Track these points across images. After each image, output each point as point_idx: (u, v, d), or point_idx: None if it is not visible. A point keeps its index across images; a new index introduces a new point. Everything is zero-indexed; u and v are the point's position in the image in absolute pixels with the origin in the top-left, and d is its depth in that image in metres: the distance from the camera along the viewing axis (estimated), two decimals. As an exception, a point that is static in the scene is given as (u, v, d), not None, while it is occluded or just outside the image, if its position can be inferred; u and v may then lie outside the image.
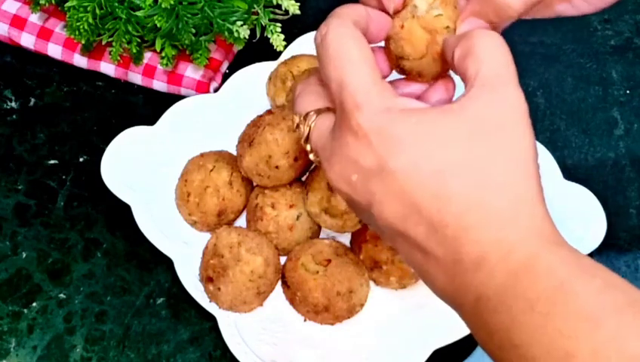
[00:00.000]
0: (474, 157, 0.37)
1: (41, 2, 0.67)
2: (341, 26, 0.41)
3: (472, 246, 0.36)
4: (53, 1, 0.67)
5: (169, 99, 0.68)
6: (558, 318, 0.34)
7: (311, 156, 0.44)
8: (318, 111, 0.42)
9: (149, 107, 0.70)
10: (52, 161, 0.69)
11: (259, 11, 0.66)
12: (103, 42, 0.68)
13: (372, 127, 0.38)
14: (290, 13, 0.64)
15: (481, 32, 0.40)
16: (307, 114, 0.43)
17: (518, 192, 0.37)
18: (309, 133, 0.42)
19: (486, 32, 0.40)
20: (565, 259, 0.36)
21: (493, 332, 0.36)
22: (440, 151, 0.37)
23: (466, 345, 0.60)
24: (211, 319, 0.61)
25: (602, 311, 0.34)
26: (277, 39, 0.64)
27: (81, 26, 0.65)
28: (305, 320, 0.61)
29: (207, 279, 0.60)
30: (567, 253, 0.36)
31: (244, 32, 0.63)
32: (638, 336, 0.33)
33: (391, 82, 0.44)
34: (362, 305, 0.60)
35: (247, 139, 0.61)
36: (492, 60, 0.39)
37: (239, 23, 0.63)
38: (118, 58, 0.68)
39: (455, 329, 0.58)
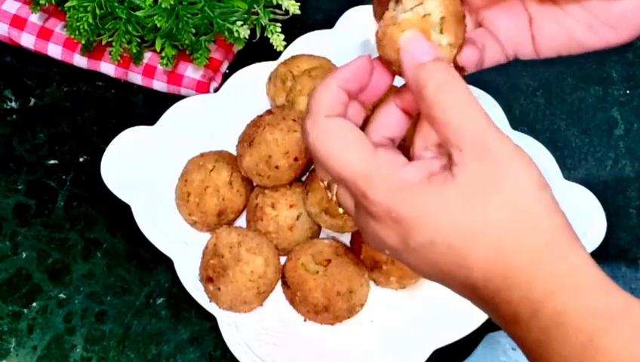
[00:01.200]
0: (482, 223, 0.37)
1: (41, 2, 0.67)
2: (315, 125, 0.41)
3: (504, 305, 0.38)
4: (53, 1, 0.67)
5: (169, 99, 0.68)
6: None
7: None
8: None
9: (149, 107, 0.70)
10: (52, 161, 0.69)
11: (259, 11, 0.66)
12: (103, 42, 0.68)
13: (384, 212, 0.39)
14: (290, 13, 0.64)
15: (439, 85, 0.39)
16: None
17: (536, 244, 0.37)
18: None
19: (444, 86, 0.39)
20: (592, 307, 0.36)
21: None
22: (448, 226, 0.38)
23: (466, 345, 0.60)
24: (211, 319, 0.61)
25: None
26: (277, 39, 0.64)
27: (81, 26, 0.65)
28: (305, 320, 0.61)
29: (207, 279, 0.60)
30: (595, 298, 0.37)
31: (244, 32, 0.63)
32: None
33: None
34: (362, 305, 0.60)
35: (247, 139, 0.61)
36: (463, 120, 0.38)
37: (239, 23, 0.63)
38: (118, 58, 0.68)
39: (455, 329, 0.58)
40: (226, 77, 0.70)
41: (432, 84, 0.39)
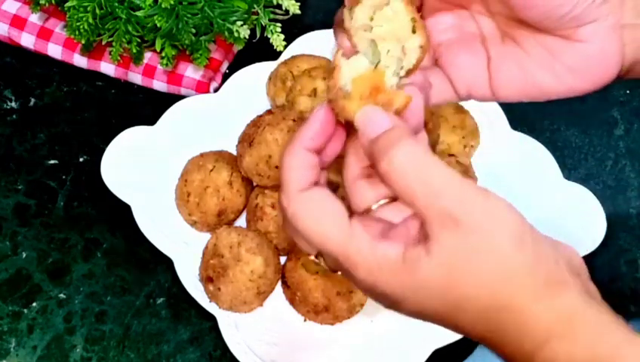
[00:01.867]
0: (464, 295, 0.37)
1: (41, 2, 0.67)
2: (291, 202, 0.40)
3: (501, 355, 0.38)
4: (53, 1, 0.67)
5: (169, 99, 0.68)
6: None
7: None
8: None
9: (149, 107, 0.70)
10: (52, 161, 0.69)
11: (259, 11, 0.65)
12: (103, 42, 0.68)
13: (369, 287, 0.38)
14: (290, 13, 0.64)
15: (400, 158, 0.37)
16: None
17: (521, 303, 0.37)
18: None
19: (405, 157, 0.37)
20: (582, 354, 0.36)
21: None
22: (431, 300, 0.38)
23: (466, 345, 0.60)
24: (211, 319, 0.61)
25: None
26: (277, 39, 0.64)
27: (81, 26, 0.65)
28: (305, 320, 0.61)
29: (207, 279, 0.60)
30: (585, 344, 0.36)
31: (244, 32, 0.63)
32: None
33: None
34: (362, 305, 0.60)
35: (247, 139, 0.61)
36: (425, 194, 0.37)
37: (239, 23, 0.63)
38: (118, 58, 0.68)
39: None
40: (226, 77, 0.70)
41: (394, 158, 0.37)
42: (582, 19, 0.40)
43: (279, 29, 0.64)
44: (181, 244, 0.62)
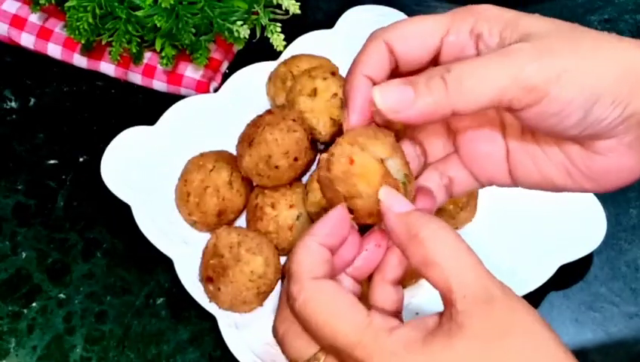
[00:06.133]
0: None
1: (41, 2, 0.67)
2: (302, 290, 0.38)
3: None
4: (53, 1, 0.67)
5: (169, 99, 0.68)
6: None
7: None
8: (315, 358, 0.39)
9: (149, 107, 0.70)
10: (52, 161, 0.69)
11: (259, 11, 0.66)
12: (103, 42, 0.68)
13: None
14: (290, 13, 0.64)
15: (431, 232, 0.37)
16: (308, 360, 0.39)
17: None
18: None
19: (437, 232, 0.37)
20: None
21: None
22: None
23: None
24: (211, 319, 0.61)
25: None
26: (277, 39, 0.64)
27: (81, 26, 0.65)
28: (305, 320, 0.60)
29: (207, 279, 0.60)
30: None
31: (244, 32, 0.63)
32: None
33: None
34: (362, 305, 0.60)
35: (247, 139, 0.61)
36: (462, 267, 0.36)
37: (239, 22, 0.63)
38: (118, 58, 0.68)
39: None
40: (226, 77, 0.70)
41: (425, 231, 0.37)
42: (598, 136, 0.39)
43: (279, 29, 0.64)
44: (181, 244, 0.62)
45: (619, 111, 0.37)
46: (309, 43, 0.69)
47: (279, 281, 0.62)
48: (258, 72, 0.68)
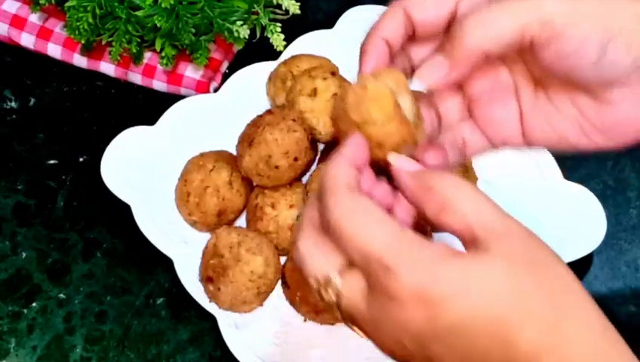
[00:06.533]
0: (531, 296, 0.35)
1: (41, 2, 0.67)
2: (340, 202, 0.38)
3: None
4: (53, 1, 0.67)
5: (169, 99, 0.68)
6: None
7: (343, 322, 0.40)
8: (340, 273, 0.38)
9: (149, 107, 0.70)
10: (52, 161, 0.69)
11: (259, 11, 0.66)
12: (103, 42, 0.68)
13: (412, 291, 0.35)
14: (290, 13, 0.64)
15: (446, 182, 0.38)
16: (328, 277, 0.38)
17: (591, 328, 0.35)
18: (334, 300, 0.38)
19: (452, 181, 0.38)
20: None
21: None
22: (492, 298, 0.34)
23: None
24: (211, 319, 0.61)
25: None
26: (277, 39, 0.64)
27: (81, 26, 0.65)
28: (305, 320, 0.61)
29: (207, 279, 0.60)
30: None
31: (244, 32, 0.63)
32: None
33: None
34: (362, 305, 0.60)
35: (247, 139, 0.61)
36: (479, 211, 0.37)
37: (239, 22, 0.63)
38: (118, 58, 0.68)
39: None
40: (226, 77, 0.70)
41: (439, 182, 0.37)
42: (611, 84, 0.40)
43: (279, 29, 0.64)
44: (181, 244, 0.62)
45: (632, 55, 0.38)
46: (309, 43, 0.69)
47: (279, 281, 0.62)
48: (258, 72, 0.68)
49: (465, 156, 0.45)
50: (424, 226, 0.40)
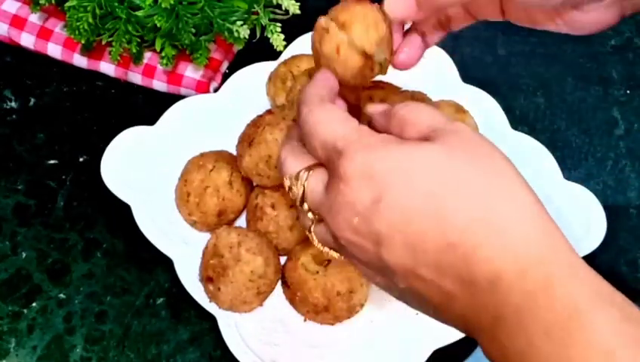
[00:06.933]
0: (466, 177, 0.38)
1: (41, 2, 0.67)
2: (310, 107, 0.44)
3: (484, 264, 0.36)
4: (53, 1, 0.67)
5: (169, 99, 0.68)
6: (573, 348, 0.33)
7: (309, 215, 0.44)
8: (309, 169, 0.43)
9: (149, 107, 0.70)
10: (52, 161, 0.69)
11: (259, 11, 0.66)
12: (103, 42, 0.68)
13: (358, 169, 0.39)
14: (290, 13, 0.64)
15: (406, 106, 0.43)
16: (298, 174, 0.44)
17: (523, 207, 0.37)
18: (303, 193, 0.43)
19: (410, 105, 0.43)
20: (583, 282, 0.36)
21: (509, 356, 0.35)
22: (430, 175, 0.38)
23: (465, 345, 0.60)
24: (211, 319, 0.61)
25: (618, 344, 0.33)
26: (277, 39, 0.64)
27: (81, 26, 0.65)
28: (305, 320, 0.61)
29: (207, 279, 0.60)
30: (585, 276, 0.36)
31: (244, 32, 0.63)
32: None
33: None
34: (362, 305, 0.60)
35: (247, 139, 0.61)
36: (432, 121, 0.41)
37: (239, 22, 0.63)
38: (118, 58, 0.68)
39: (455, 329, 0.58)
40: (226, 77, 0.70)
41: (400, 108, 0.43)
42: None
43: (279, 29, 0.64)
44: (181, 244, 0.62)
45: None
46: (309, 43, 0.69)
47: (279, 281, 0.62)
48: (258, 72, 0.68)
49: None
50: None
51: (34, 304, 0.63)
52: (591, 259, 0.62)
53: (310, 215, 0.44)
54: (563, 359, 0.33)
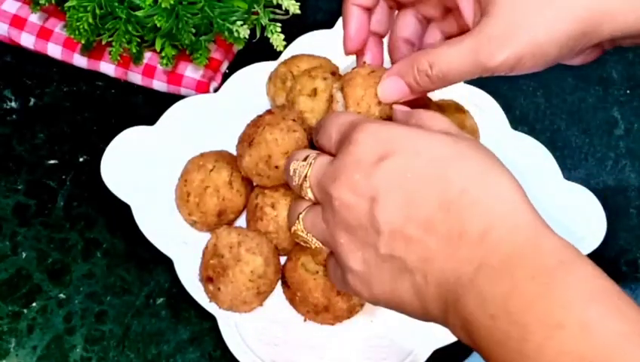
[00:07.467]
0: (469, 153, 0.42)
1: (41, 2, 0.67)
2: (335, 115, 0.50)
3: (477, 218, 0.39)
4: (53, 1, 0.67)
5: (169, 99, 0.68)
6: (556, 289, 0.36)
7: (308, 193, 0.47)
8: (318, 154, 0.47)
9: (149, 107, 0.70)
10: (52, 161, 0.69)
11: (259, 11, 0.66)
12: (103, 42, 0.68)
13: (370, 133, 0.43)
14: (290, 13, 0.64)
15: (424, 112, 0.48)
16: (306, 157, 0.48)
17: (517, 188, 0.41)
18: (306, 173, 0.47)
19: (427, 112, 0.47)
20: (565, 243, 0.39)
21: (488, 301, 0.38)
22: (436, 146, 0.42)
23: (466, 345, 0.60)
24: (211, 319, 0.61)
25: (597, 291, 0.37)
26: (277, 39, 0.64)
27: (81, 26, 0.65)
28: (305, 320, 0.61)
29: (207, 279, 0.60)
30: (566, 241, 0.40)
31: (244, 32, 0.63)
32: (623, 317, 0.36)
33: None
34: (362, 305, 0.60)
35: (247, 139, 0.61)
36: (443, 126, 0.46)
37: (239, 22, 0.63)
38: (118, 58, 0.68)
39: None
40: (226, 77, 0.70)
41: (418, 112, 0.48)
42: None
43: (279, 29, 0.64)
44: (181, 244, 0.62)
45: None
46: (309, 43, 0.69)
47: (279, 281, 0.62)
48: (258, 72, 0.68)
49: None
50: None
51: (34, 304, 0.63)
52: (591, 259, 0.62)
53: (309, 193, 0.46)
54: (545, 299, 0.36)
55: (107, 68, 0.71)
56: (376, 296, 0.44)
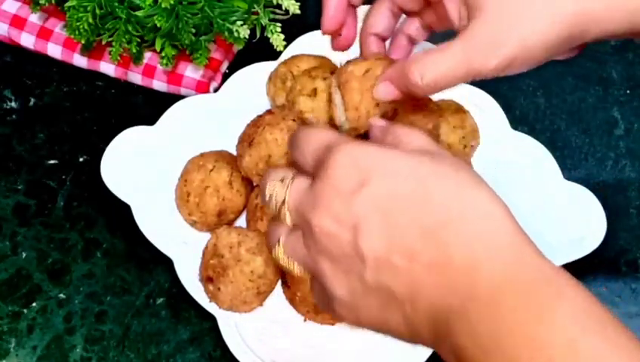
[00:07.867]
0: (449, 172, 0.41)
1: (41, 2, 0.67)
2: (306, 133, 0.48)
3: (460, 246, 0.38)
4: (53, 1, 0.67)
5: (169, 99, 0.68)
6: (544, 321, 0.36)
7: (287, 218, 0.45)
8: (294, 175, 0.45)
9: (149, 107, 0.70)
10: (52, 161, 0.69)
11: (259, 11, 0.66)
12: (103, 42, 0.68)
13: (347, 157, 0.41)
14: (290, 13, 0.64)
15: (400, 127, 0.47)
16: (282, 179, 0.45)
17: (496, 203, 0.40)
18: (284, 198, 0.44)
19: (403, 128, 0.46)
20: (546, 262, 0.38)
21: (479, 334, 0.37)
22: (416, 166, 0.41)
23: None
24: (211, 319, 0.61)
25: (587, 321, 0.36)
26: (277, 39, 0.64)
27: (81, 26, 0.65)
28: (305, 320, 0.61)
29: (207, 279, 0.60)
30: (547, 260, 0.39)
31: (244, 32, 0.63)
32: (620, 349, 0.35)
33: None
34: (362, 305, 0.60)
35: (247, 139, 0.61)
36: (420, 142, 0.45)
37: (239, 22, 0.63)
38: (118, 58, 0.68)
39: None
40: (226, 77, 0.70)
41: (395, 128, 0.47)
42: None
43: (279, 29, 0.64)
44: (181, 244, 0.62)
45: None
46: (309, 43, 0.69)
47: (279, 281, 0.62)
48: (258, 72, 0.68)
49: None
50: None
51: (34, 304, 0.63)
52: (591, 259, 0.62)
53: (288, 218, 0.45)
54: (536, 331, 0.36)
55: (107, 68, 0.71)
56: (364, 323, 0.43)
